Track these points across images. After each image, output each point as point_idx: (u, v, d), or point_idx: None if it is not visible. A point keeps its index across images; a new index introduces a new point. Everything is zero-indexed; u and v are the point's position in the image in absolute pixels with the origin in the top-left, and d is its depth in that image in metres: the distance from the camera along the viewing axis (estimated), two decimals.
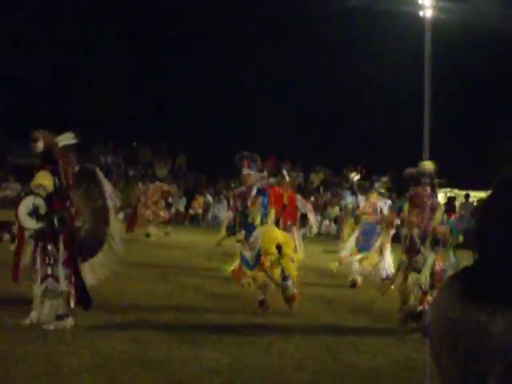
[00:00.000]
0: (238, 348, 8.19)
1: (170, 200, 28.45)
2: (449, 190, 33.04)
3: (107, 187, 9.67)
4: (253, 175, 11.01)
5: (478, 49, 32.55)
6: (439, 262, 9.83)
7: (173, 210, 29.73)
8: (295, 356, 7.98)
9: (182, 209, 33.46)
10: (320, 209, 30.71)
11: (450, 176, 31.35)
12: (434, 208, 9.82)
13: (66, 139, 9.38)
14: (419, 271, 9.71)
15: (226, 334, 8.88)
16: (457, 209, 30.17)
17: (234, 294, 11.66)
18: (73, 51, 37.56)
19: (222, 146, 34.17)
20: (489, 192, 2.16)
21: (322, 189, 33.85)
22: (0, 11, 34.64)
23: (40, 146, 9.07)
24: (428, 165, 10.60)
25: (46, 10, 36.82)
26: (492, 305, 2.00)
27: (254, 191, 10.91)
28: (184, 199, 34.07)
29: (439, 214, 9.84)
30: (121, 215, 33.07)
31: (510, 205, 2.06)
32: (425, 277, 9.60)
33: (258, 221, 10.77)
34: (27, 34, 36.21)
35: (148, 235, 22.37)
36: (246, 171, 11.04)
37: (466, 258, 2.58)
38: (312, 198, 29.73)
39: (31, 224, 8.75)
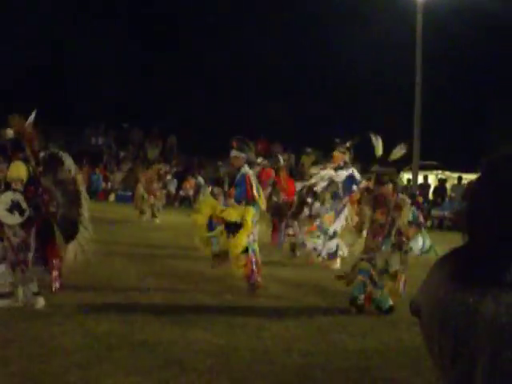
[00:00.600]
0: (229, 329, 8.21)
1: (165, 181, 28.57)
2: (440, 172, 33.13)
3: (73, 170, 9.63)
4: (241, 158, 11.04)
5: (470, 30, 32.50)
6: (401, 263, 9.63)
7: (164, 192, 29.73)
8: (286, 337, 8.01)
9: (173, 190, 33.46)
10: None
11: (442, 158, 31.55)
12: (399, 206, 9.73)
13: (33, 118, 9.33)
14: (371, 262, 9.61)
15: (216, 316, 8.89)
16: (448, 191, 30.27)
17: (224, 276, 11.67)
18: (63, 32, 37.44)
19: (213, 127, 34.19)
20: (478, 174, 2.17)
21: None
22: None
23: (10, 133, 9.03)
24: (396, 155, 10.52)
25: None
26: (482, 286, 2.01)
27: (238, 176, 10.98)
28: (175, 181, 34.06)
29: (406, 212, 9.74)
30: (112, 197, 33.25)
31: (499, 186, 2.06)
32: (373, 268, 9.53)
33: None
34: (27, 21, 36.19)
35: (142, 212, 22.30)
36: (233, 153, 11.10)
37: (457, 241, 2.60)
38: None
39: (12, 219, 8.72)
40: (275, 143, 35.41)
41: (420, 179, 31.98)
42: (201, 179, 33.39)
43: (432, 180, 32.69)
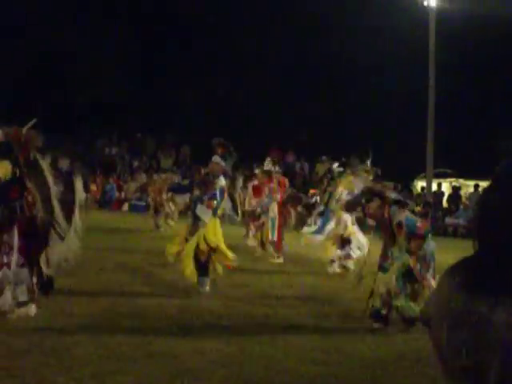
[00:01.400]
0: (242, 339, 8.19)
1: None
2: (454, 179, 33.02)
3: (49, 176, 9.70)
4: (221, 166, 11.09)
5: (483, 38, 32.44)
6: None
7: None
8: (299, 346, 7.98)
9: (186, 200, 33.44)
10: None
11: (456, 166, 31.40)
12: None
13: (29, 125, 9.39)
14: (386, 271, 9.32)
15: (229, 325, 8.88)
16: (462, 199, 30.16)
17: (237, 284, 11.67)
18: (74, 40, 37.57)
19: (225, 136, 34.20)
20: (489, 181, 2.14)
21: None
22: None
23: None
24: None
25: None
26: (494, 295, 1.97)
27: (217, 188, 11.03)
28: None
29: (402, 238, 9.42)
30: (125, 206, 33.28)
31: (510, 193, 2.03)
32: (389, 278, 9.22)
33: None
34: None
35: (158, 227, 22.24)
36: (216, 159, 11.13)
37: (471, 249, 2.60)
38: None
39: None
40: (288, 152, 35.45)
41: (434, 187, 31.89)
42: None
43: (446, 188, 32.59)
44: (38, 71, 37.41)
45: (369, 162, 14.45)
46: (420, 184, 33.23)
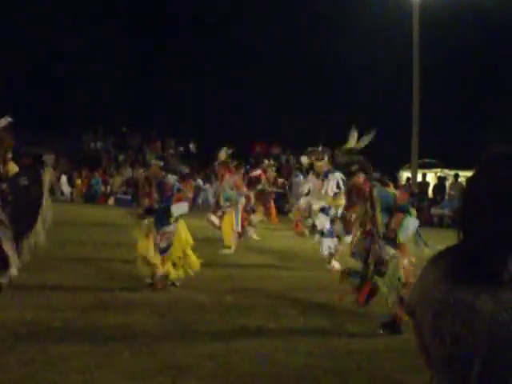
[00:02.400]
0: (229, 331, 8.18)
1: None
2: (439, 170, 33.12)
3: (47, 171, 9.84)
4: (160, 165, 11.17)
5: (466, 28, 32.56)
6: (405, 255, 8.75)
7: None
8: (287, 338, 7.97)
9: None
10: None
11: (440, 156, 31.56)
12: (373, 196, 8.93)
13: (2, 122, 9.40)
14: (382, 274, 8.70)
15: (216, 318, 8.86)
16: (447, 189, 30.25)
17: (222, 276, 11.67)
18: (61, 37, 37.49)
19: (212, 129, 34.23)
20: (475, 170, 2.15)
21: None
22: None
23: None
24: (353, 145, 10.06)
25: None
26: (479, 284, 2.00)
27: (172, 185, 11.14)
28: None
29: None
30: (111, 200, 33.22)
31: (496, 183, 2.04)
32: (389, 280, 8.57)
33: None
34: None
35: None
36: (155, 161, 11.29)
37: (454, 239, 2.57)
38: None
39: None
40: (274, 145, 35.46)
41: (419, 177, 31.99)
42: (200, 181, 33.35)
43: (431, 178, 32.69)
44: (25, 68, 37.29)
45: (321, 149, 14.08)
46: (405, 174, 33.33)
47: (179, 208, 10.87)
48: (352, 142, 10.02)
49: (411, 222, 8.74)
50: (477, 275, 2.01)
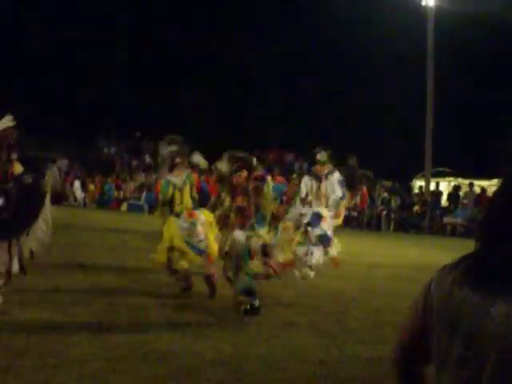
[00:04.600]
0: (241, 338, 8.20)
1: None
2: (452, 179, 33.07)
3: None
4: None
5: (481, 36, 32.51)
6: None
7: None
8: (297, 346, 7.98)
9: None
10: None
11: (453, 165, 31.51)
12: (258, 190, 9.35)
13: (3, 124, 9.46)
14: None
15: (227, 324, 8.88)
16: (461, 199, 30.17)
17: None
18: (74, 34, 37.68)
19: (224, 137, 34.28)
20: (499, 182, 2.27)
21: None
22: None
23: None
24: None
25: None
26: (494, 290, 2.08)
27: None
28: None
29: (267, 193, 9.35)
30: (124, 206, 33.27)
31: None
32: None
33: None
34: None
35: None
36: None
37: (470, 248, 2.58)
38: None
39: None
40: (288, 152, 35.47)
41: (432, 186, 31.94)
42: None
43: (444, 187, 32.64)
44: (38, 69, 37.45)
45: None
46: (418, 183, 33.28)
47: None
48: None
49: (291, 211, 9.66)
50: (492, 282, 2.10)
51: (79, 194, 34.23)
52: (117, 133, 39.30)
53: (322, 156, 13.47)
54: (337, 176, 13.25)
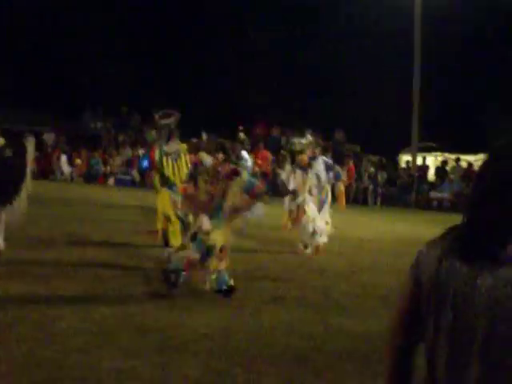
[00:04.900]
0: (227, 313, 8.21)
1: None
2: (439, 153, 33.11)
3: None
4: None
5: (469, 14, 32.51)
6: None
7: None
8: (285, 320, 8.01)
9: None
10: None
11: (440, 140, 31.56)
12: (230, 176, 9.20)
13: None
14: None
15: (214, 299, 8.86)
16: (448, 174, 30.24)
17: None
18: (61, 17, 37.46)
19: (215, 109, 34.27)
20: (487, 156, 2.29)
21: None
22: None
23: None
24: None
25: None
26: (480, 262, 2.12)
27: None
28: None
29: (239, 182, 9.18)
30: (111, 181, 33.20)
31: (503, 170, 2.17)
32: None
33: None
34: None
35: None
36: None
37: (456, 222, 2.58)
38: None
39: None
40: (275, 126, 35.33)
41: (419, 161, 31.98)
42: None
43: (431, 162, 32.68)
44: (24, 45, 37.21)
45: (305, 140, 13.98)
46: (405, 158, 33.29)
47: None
48: None
49: (257, 208, 9.39)
50: (478, 253, 2.13)
51: (66, 168, 34.04)
52: (104, 107, 39.06)
53: (298, 146, 13.45)
54: (321, 161, 13.25)
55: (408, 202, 28.68)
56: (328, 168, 13.20)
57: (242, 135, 32.28)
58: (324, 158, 13.50)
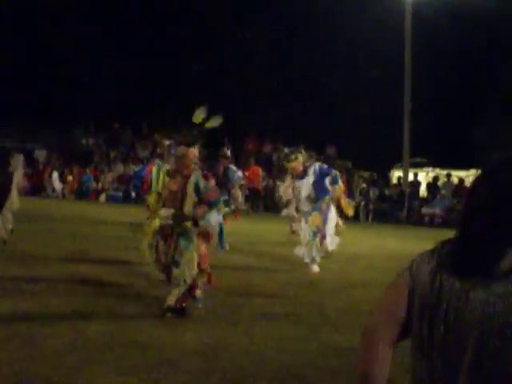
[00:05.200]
0: (220, 329, 8.21)
1: None
2: (430, 169, 33.21)
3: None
4: None
5: (460, 29, 32.64)
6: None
7: None
8: (276, 336, 8.00)
9: None
10: None
11: (431, 155, 31.61)
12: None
13: None
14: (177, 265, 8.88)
15: (207, 315, 8.87)
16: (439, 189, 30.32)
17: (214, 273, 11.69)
18: (49, 32, 37.49)
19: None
20: (480, 173, 2.31)
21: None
22: None
23: None
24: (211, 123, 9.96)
25: None
26: (474, 276, 2.15)
27: None
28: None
29: (192, 179, 8.84)
30: (103, 197, 33.16)
31: (497, 185, 2.19)
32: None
33: None
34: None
35: None
36: None
37: (444, 237, 2.60)
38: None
39: None
40: (266, 141, 35.38)
41: (410, 177, 32.06)
42: None
43: (422, 177, 32.78)
44: (14, 59, 37.21)
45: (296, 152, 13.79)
46: (396, 174, 33.38)
47: None
48: (199, 117, 9.82)
49: (212, 216, 9.62)
50: (472, 268, 2.16)
51: (57, 184, 34.04)
52: (95, 124, 39.07)
53: (288, 159, 13.40)
54: (315, 169, 13.18)
55: (400, 217, 28.72)
56: (324, 174, 13.07)
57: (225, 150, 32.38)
58: (319, 163, 13.45)
